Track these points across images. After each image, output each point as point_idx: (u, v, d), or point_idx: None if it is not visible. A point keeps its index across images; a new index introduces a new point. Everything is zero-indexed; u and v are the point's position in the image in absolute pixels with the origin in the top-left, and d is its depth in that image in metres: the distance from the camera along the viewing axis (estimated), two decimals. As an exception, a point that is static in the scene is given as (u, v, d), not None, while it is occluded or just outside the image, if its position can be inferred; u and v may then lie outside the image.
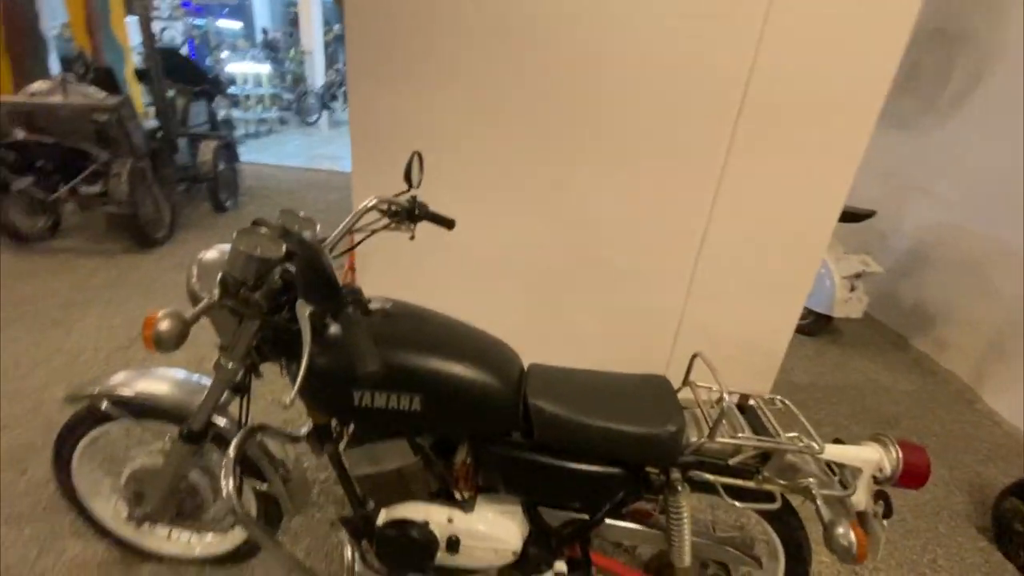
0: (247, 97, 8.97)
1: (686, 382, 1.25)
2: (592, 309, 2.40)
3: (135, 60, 5.92)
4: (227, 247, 1.07)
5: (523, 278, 2.38)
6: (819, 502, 1.04)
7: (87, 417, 1.31)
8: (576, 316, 2.42)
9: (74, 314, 2.82)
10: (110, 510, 1.47)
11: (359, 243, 1.31)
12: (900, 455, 1.11)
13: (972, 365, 3.01)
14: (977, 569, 1.83)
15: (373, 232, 1.29)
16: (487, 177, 2.21)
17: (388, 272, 2.39)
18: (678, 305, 2.34)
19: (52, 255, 3.55)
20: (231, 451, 1.06)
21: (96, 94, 3.47)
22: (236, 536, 1.49)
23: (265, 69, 9.20)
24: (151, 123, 4.34)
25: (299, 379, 0.85)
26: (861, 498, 1.15)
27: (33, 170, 3.42)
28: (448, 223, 1.40)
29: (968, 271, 3.11)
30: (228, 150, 5.15)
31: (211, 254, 1.11)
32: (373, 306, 1.13)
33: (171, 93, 4.54)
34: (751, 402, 1.23)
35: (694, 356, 1.23)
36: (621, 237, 2.24)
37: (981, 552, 1.91)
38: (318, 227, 1.18)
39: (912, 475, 1.11)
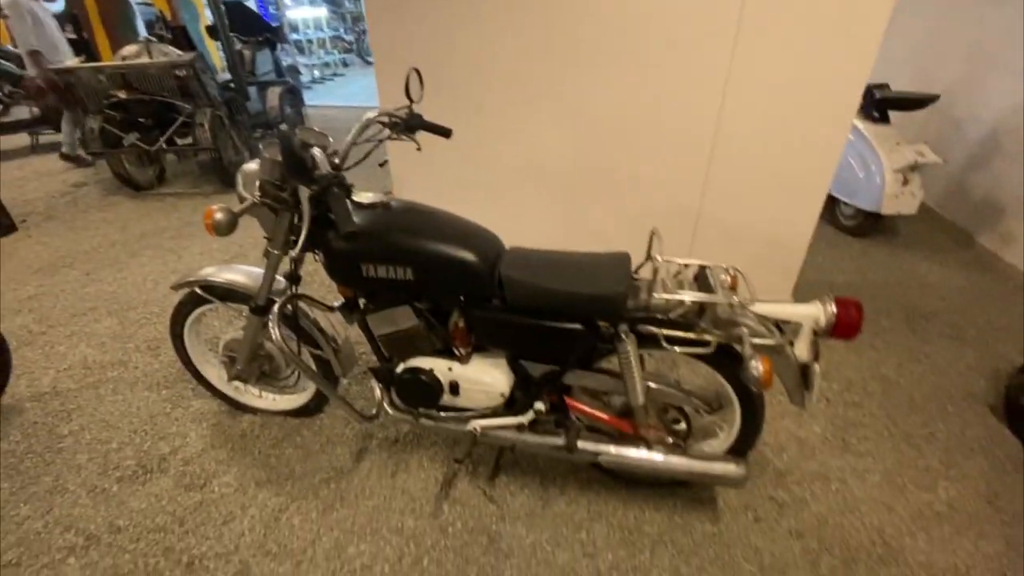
0: (309, 42, 9.33)
1: (648, 256, 1.42)
2: (614, 212, 2.54)
3: (207, 17, 6.40)
4: (258, 161, 1.38)
5: (548, 186, 2.55)
6: (744, 344, 1.21)
7: (189, 301, 1.75)
8: (600, 219, 2.58)
9: (183, 243, 3.42)
10: (216, 375, 1.96)
11: (369, 154, 1.55)
12: (833, 309, 1.23)
13: (1037, 258, 2.80)
14: (976, 442, 1.89)
15: (379, 143, 1.54)
16: (507, 92, 2.36)
17: (425, 185, 2.67)
18: (695, 204, 2.41)
19: (161, 199, 4.21)
20: (275, 307, 1.42)
21: (173, 52, 3.93)
22: (306, 395, 1.93)
23: (323, 12, 9.43)
24: (225, 76, 4.81)
25: (302, 239, 1.16)
26: (802, 350, 1.31)
27: (137, 126, 4.02)
28: (444, 132, 1.60)
29: (1046, 155, 2.82)
30: (293, 95, 5.57)
31: (251, 165, 1.42)
32: (375, 199, 1.40)
33: (238, 45, 4.95)
34: (706, 271, 1.38)
35: (652, 232, 1.39)
36: (637, 140, 2.32)
37: (986, 428, 1.95)
38: (331, 139, 1.44)
39: (844, 326, 1.24)
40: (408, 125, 1.52)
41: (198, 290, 1.67)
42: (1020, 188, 2.99)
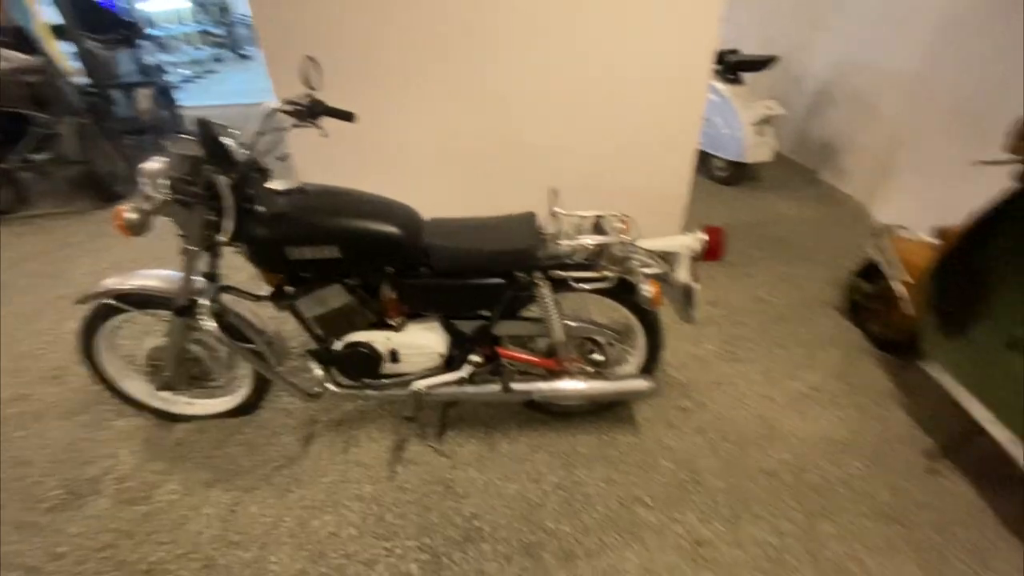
0: (174, 38, 8.54)
1: (551, 212, 1.60)
2: (519, 181, 2.71)
3: (43, 15, 5.65)
4: (164, 158, 1.37)
5: (453, 161, 2.67)
6: (636, 274, 1.44)
7: (98, 315, 1.68)
8: (506, 189, 2.74)
9: (66, 266, 3.13)
10: (139, 389, 1.90)
11: (276, 145, 1.58)
12: (703, 236, 1.50)
13: (864, 186, 3.40)
14: (829, 337, 2.34)
15: (284, 131, 1.57)
16: (402, 71, 2.41)
17: (330, 175, 2.65)
18: (590, 168, 2.65)
19: (29, 222, 3.76)
20: (207, 300, 1.44)
21: (17, 57, 3.50)
22: (240, 395, 1.93)
23: (184, 3, 8.66)
24: (82, 80, 4.34)
25: (231, 226, 1.21)
26: (682, 274, 1.56)
27: (-19, 144, 3.55)
28: (347, 116, 1.66)
29: (862, 101, 3.40)
30: (164, 96, 5.15)
31: (151, 165, 1.39)
32: (290, 186, 1.46)
33: (90, 45, 4.47)
34: (601, 221, 1.59)
35: (549, 191, 1.58)
36: (533, 113, 2.51)
37: (836, 325, 2.41)
38: (237, 131, 1.46)
39: (712, 250, 1.50)
40: (311, 111, 1.56)
41: (111, 300, 1.62)
42: (845, 129, 3.59)
